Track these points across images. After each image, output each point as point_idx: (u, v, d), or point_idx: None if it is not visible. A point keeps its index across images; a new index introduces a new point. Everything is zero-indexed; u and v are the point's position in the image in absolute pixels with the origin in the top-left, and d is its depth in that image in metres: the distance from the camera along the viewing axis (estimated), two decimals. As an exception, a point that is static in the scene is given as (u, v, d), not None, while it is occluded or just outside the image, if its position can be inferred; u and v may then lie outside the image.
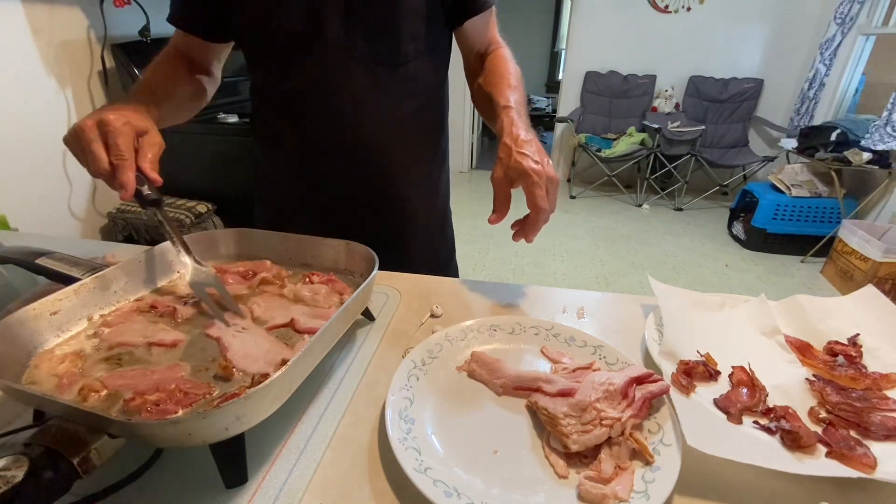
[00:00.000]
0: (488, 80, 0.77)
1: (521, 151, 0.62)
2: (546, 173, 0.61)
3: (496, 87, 0.74)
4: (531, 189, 0.61)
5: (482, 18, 0.78)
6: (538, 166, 0.61)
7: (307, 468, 0.43)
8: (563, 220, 3.64)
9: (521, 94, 0.73)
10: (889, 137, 2.68)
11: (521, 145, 0.63)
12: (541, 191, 0.60)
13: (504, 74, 0.76)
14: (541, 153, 0.63)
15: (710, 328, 0.61)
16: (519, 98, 0.71)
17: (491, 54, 0.82)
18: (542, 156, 0.63)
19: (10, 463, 0.32)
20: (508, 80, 0.75)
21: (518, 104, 0.70)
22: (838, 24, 3.27)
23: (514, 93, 0.72)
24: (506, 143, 0.64)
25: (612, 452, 0.43)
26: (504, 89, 0.72)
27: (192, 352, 0.50)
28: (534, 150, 0.63)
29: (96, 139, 0.53)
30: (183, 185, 2.30)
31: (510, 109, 0.69)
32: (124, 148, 0.53)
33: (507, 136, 0.65)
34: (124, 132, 0.53)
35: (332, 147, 0.77)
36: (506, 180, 0.63)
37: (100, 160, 0.52)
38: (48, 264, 0.56)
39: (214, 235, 0.70)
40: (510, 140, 0.64)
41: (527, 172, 0.60)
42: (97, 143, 0.52)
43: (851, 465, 0.42)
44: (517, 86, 0.74)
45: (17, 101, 1.89)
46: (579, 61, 4.15)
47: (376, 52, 0.72)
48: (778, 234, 3.08)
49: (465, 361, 0.56)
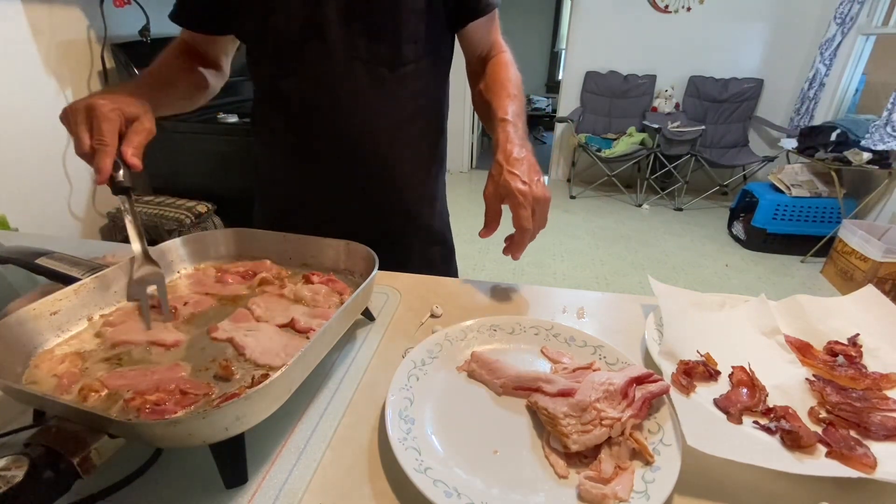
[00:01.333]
0: (489, 87, 0.78)
1: (511, 171, 0.65)
2: (533, 194, 0.64)
3: (496, 95, 0.76)
4: (516, 209, 0.64)
5: (484, 21, 0.78)
6: (525, 187, 0.64)
7: (307, 468, 0.43)
8: (563, 220, 3.64)
9: (520, 104, 0.75)
10: (889, 137, 2.68)
11: (511, 164, 0.66)
12: (525, 211, 0.63)
13: (504, 83, 0.77)
14: (531, 172, 0.66)
15: (710, 328, 0.61)
16: (517, 109, 0.73)
17: (493, 59, 0.83)
18: (532, 175, 0.66)
19: (10, 463, 0.32)
20: (508, 88, 0.76)
21: (515, 116, 0.72)
22: (838, 24, 3.27)
23: (512, 103, 0.74)
24: (498, 160, 0.67)
25: (612, 452, 0.43)
26: (503, 99, 0.74)
27: (193, 352, 0.50)
28: (524, 170, 0.65)
29: (82, 122, 0.54)
30: (183, 185, 2.31)
31: (507, 123, 0.71)
32: (107, 133, 0.53)
33: (500, 154, 0.67)
34: (110, 118, 0.54)
35: (331, 147, 0.77)
36: (496, 197, 0.66)
37: (82, 143, 0.53)
38: (48, 264, 0.57)
39: (214, 235, 0.70)
40: (502, 158, 0.67)
41: (513, 193, 0.64)
42: (82, 126, 0.54)
43: (851, 465, 0.42)
44: (516, 95, 0.76)
45: (17, 101, 1.89)
46: (579, 61, 4.16)
47: (376, 52, 0.72)
48: (778, 234, 3.09)
49: (465, 361, 0.56)
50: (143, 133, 0.57)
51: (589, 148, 3.88)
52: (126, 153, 0.55)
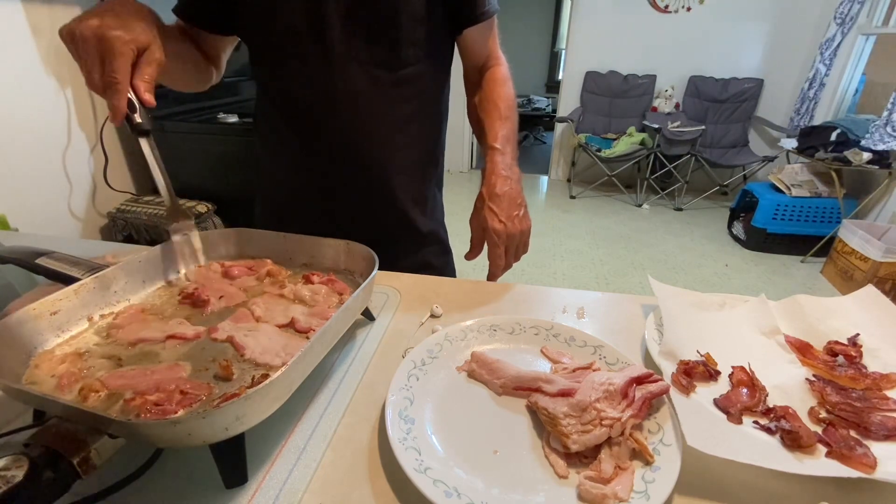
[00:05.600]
0: (482, 104, 0.81)
1: (490, 207, 0.70)
2: (507, 232, 0.70)
3: (488, 115, 0.79)
4: (491, 248, 0.70)
5: (482, 29, 0.78)
6: (501, 226, 0.70)
7: (307, 468, 0.43)
8: (563, 220, 3.64)
9: (512, 125, 0.78)
10: (889, 137, 2.68)
11: (492, 200, 0.71)
12: (498, 250, 0.70)
13: (497, 102, 0.79)
14: (511, 208, 0.71)
15: (710, 328, 0.61)
16: (507, 133, 0.77)
17: (489, 71, 0.83)
18: (511, 210, 0.71)
19: (10, 463, 0.32)
20: (501, 108, 0.78)
21: (504, 141, 0.76)
22: (838, 23, 3.27)
23: (503, 126, 0.77)
24: (482, 192, 0.72)
25: (612, 452, 0.43)
26: (495, 122, 0.77)
27: (193, 352, 0.50)
28: (504, 207, 0.70)
29: (93, 55, 0.50)
30: (183, 185, 2.30)
31: (495, 151, 0.75)
32: (119, 70, 0.50)
33: (485, 186, 0.72)
34: (123, 52, 0.50)
35: (331, 147, 0.78)
36: (479, 228, 0.72)
37: (91, 76, 0.50)
38: (48, 264, 0.56)
39: (214, 235, 0.70)
40: (486, 192, 0.72)
41: (490, 232, 0.70)
42: (93, 60, 0.50)
43: (851, 465, 0.41)
44: (508, 116, 0.78)
45: (17, 101, 1.89)
46: (579, 61, 4.16)
47: (376, 55, 0.72)
48: (778, 234, 3.09)
49: (465, 361, 0.56)
50: (153, 64, 0.54)
51: (589, 148, 3.88)
52: (140, 89, 0.52)
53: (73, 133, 2.13)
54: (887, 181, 2.82)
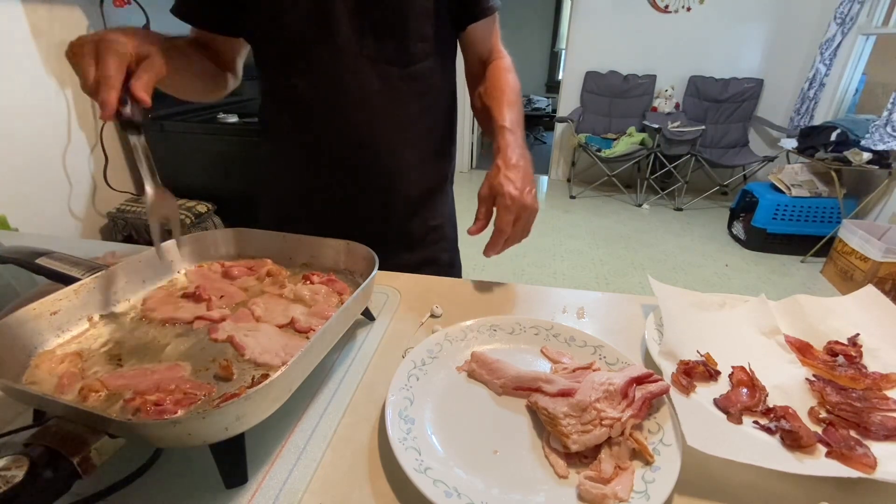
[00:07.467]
0: (488, 91, 0.80)
1: (507, 175, 0.69)
2: (522, 200, 0.68)
3: (495, 101, 0.78)
4: (501, 211, 0.67)
5: (484, 25, 0.79)
6: (516, 192, 0.68)
7: (307, 468, 0.43)
8: (563, 220, 3.64)
9: (519, 111, 0.77)
10: (889, 137, 2.68)
11: (509, 169, 0.69)
12: (509, 216, 0.67)
13: (504, 89, 0.79)
14: (525, 181, 0.69)
15: (710, 328, 0.61)
16: (515, 117, 0.76)
17: (492, 63, 0.84)
18: (525, 184, 0.69)
19: (10, 463, 0.32)
20: (508, 95, 0.78)
21: (514, 124, 0.75)
22: (838, 24, 3.27)
23: (511, 110, 0.76)
24: (497, 163, 0.71)
25: (612, 452, 0.43)
26: (502, 106, 0.76)
27: (193, 352, 0.50)
28: (519, 177, 0.69)
29: (89, 54, 0.50)
30: (183, 185, 2.30)
31: (507, 130, 0.74)
32: (111, 66, 0.50)
33: (500, 158, 0.71)
34: (118, 52, 0.50)
35: (339, 146, 0.77)
36: (490, 198, 0.69)
37: (86, 76, 0.50)
38: (48, 264, 0.56)
39: (214, 235, 0.70)
40: (502, 162, 0.70)
41: (503, 195, 0.67)
42: (87, 59, 0.50)
43: (851, 465, 0.42)
44: (515, 102, 0.78)
45: (17, 101, 1.89)
46: (579, 61, 4.16)
47: (385, 51, 0.72)
48: (778, 234, 3.09)
49: (465, 361, 0.56)
50: (152, 70, 0.53)
51: (589, 148, 3.88)
52: (134, 86, 0.51)
53: (73, 133, 2.13)
54: (887, 181, 2.82)
